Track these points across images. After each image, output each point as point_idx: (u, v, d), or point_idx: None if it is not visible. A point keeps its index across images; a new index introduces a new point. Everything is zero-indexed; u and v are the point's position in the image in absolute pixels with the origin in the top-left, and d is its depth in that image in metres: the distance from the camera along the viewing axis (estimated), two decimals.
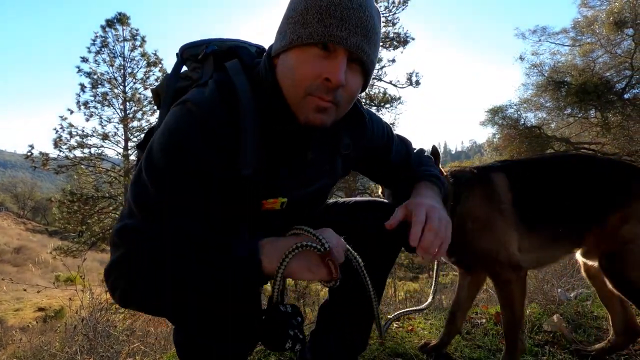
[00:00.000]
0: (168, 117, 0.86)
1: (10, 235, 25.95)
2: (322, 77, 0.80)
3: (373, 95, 13.10)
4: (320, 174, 1.03)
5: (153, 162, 0.82)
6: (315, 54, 0.80)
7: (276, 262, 0.82)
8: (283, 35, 0.85)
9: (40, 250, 20.17)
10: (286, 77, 0.85)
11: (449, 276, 7.93)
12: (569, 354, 1.69)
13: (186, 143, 0.81)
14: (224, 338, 0.94)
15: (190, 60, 1.03)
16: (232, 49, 0.99)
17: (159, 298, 0.83)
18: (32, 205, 42.57)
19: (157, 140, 0.84)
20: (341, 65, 0.80)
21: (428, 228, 0.92)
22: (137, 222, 0.82)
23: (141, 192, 0.82)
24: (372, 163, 1.21)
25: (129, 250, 0.81)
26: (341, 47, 0.79)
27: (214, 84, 0.88)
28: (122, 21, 15.90)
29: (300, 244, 0.82)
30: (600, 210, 1.40)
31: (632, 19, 9.80)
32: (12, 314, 11.50)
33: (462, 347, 1.82)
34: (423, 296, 5.21)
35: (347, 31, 0.78)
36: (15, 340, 3.83)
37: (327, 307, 1.29)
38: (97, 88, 15.70)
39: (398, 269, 17.30)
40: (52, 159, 14.08)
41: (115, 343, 2.23)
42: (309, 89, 0.81)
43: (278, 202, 0.94)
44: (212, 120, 0.82)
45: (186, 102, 0.84)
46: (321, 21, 0.78)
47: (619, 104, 9.92)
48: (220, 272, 0.81)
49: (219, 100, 0.85)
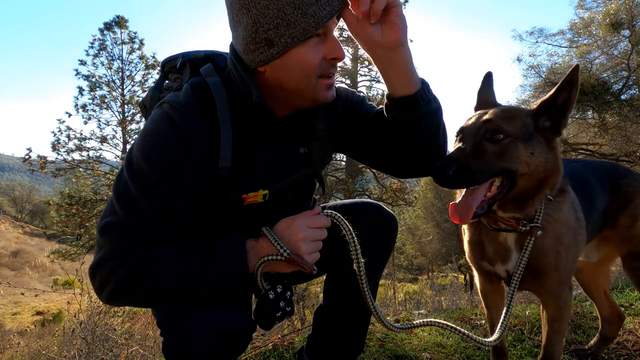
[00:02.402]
0: (147, 119, 0.92)
1: (8, 238, 25.82)
2: (327, 58, 0.86)
3: (372, 97, 13.10)
4: (298, 164, 1.04)
5: (132, 163, 0.86)
6: (314, 42, 0.85)
7: (253, 269, 0.90)
8: (265, 43, 0.83)
9: (38, 254, 20.09)
10: (291, 75, 0.87)
11: (448, 277, 7.93)
12: (568, 355, 1.69)
13: (162, 142, 0.85)
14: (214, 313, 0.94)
15: (171, 72, 1.10)
16: (208, 57, 1.06)
17: (142, 296, 0.86)
18: (30, 208, 42.41)
19: (136, 142, 0.88)
20: (336, 41, 0.87)
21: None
22: (117, 219, 0.84)
23: (123, 189, 0.85)
24: (356, 131, 1.11)
25: (112, 249, 0.83)
26: (329, 24, 0.84)
27: (189, 86, 0.93)
28: (121, 24, 15.89)
29: (263, 260, 0.88)
30: (609, 212, 1.40)
31: (628, 21, 9.86)
32: (10, 318, 11.43)
33: (462, 348, 1.82)
34: (422, 297, 5.21)
35: (324, 10, 0.81)
36: (13, 344, 3.81)
37: (323, 311, 1.29)
38: (95, 91, 15.65)
39: (398, 270, 17.29)
40: (50, 162, 14.01)
41: (113, 346, 2.22)
42: (318, 73, 0.87)
43: (259, 194, 0.96)
44: (186, 120, 0.86)
45: (163, 104, 0.90)
46: (305, 14, 0.80)
47: (616, 105, 9.96)
48: (200, 285, 0.86)
49: (193, 100, 0.89)
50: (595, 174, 1.41)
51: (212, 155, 0.88)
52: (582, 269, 1.66)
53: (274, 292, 0.97)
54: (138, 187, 0.84)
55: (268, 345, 1.84)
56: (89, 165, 15.10)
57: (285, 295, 0.99)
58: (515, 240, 1.15)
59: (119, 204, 0.85)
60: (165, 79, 1.13)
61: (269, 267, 0.91)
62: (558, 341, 1.24)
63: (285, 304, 0.99)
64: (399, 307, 3.86)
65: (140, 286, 0.83)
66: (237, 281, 0.89)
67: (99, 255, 0.84)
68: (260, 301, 0.97)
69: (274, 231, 0.92)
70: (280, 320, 0.99)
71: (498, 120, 1.03)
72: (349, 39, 12.58)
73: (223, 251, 0.87)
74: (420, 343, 1.87)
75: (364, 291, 0.98)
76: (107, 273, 0.83)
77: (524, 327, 2.00)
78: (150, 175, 0.84)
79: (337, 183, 11.67)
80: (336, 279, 1.23)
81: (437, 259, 20.61)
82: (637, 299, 2.38)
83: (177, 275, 0.84)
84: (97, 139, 15.34)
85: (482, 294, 1.40)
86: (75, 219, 13.99)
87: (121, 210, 0.84)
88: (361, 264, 0.96)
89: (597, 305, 1.69)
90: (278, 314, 0.98)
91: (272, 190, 0.98)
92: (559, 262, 1.14)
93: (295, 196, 1.07)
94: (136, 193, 0.83)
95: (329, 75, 0.89)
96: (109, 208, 0.87)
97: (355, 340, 1.27)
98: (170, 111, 0.87)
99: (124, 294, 0.84)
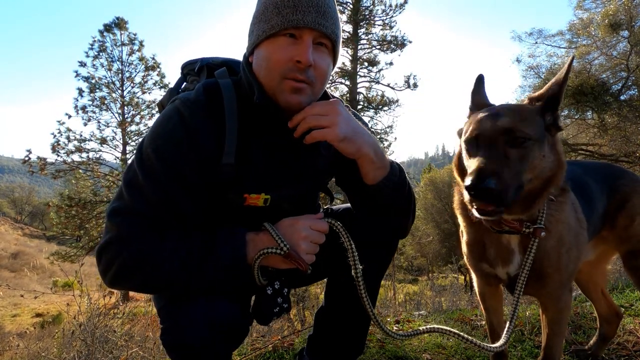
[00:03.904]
0: (161, 114, 0.97)
1: (8, 240, 25.79)
2: (293, 60, 0.90)
3: (371, 98, 13.12)
4: (304, 175, 1.07)
5: (142, 152, 0.91)
6: (284, 42, 0.91)
7: (251, 260, 0.92)
8: (251, 34, 0.98)
9: (38, 256, 20.05)
10: (261, 67, 0.94)
11: (448, 278, 7.92)
12: (569, 356, 1.69)
13: (170, 135, 0.91)
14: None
15: (189, 74, 1.17)
16: (225, 62, 1.12)
17: (142, 281, 0.88)
18: (30, 210, 42.36)
19: (147, 133, 0.94)
20: (307, 47, 0.90)
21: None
22: (124, 204, 0.89)
23: (131, 176, 0.90)
24: (345, 169, 1.11)
25: (117, 233, 0.87)
26: (305, 30, 0.90)
27: (201, 86, 0.99)
28: (120, 26, 15.90)
29: (262, 252, 0.90)
30: (607, 213, 1.40)
31: (627, 21, 9.87)
32: (10, 319, 11.41)
33: (462, 349, 1.82)
34: (422, 298, 5.20)
35: (301, 14, 0.89)
36: (12, 346, 3.80)
37: (323, 312, 1.30)
38: (95, 92, 15.65)
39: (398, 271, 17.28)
40: (49, 164, 14.00)
41: (113, 348, 2.22)
42: (283, 72, 0.91)
43: (261, 198, 0.99)
44: (195, 116, 0.92)
45: (174, 101, 0.96)
46: (279, 13, 0.90)
47: (615, 106, 9.97)
48: (200, 277, 0.88)
49: (203, 98, 0.95)
50: (594, 176, 1.40)
51: (217, 151, 0.93)
52: (579, 268, 1.67)
53: (272, 288, 0.99)
54: (145, 175, 0.88)
55: (268, 347, 1.84)
56: (88, 166, 15.09)
57: (283, 292, 1.01)
58: (518, 242, 1.12)
59: (127, 190, 0.89)
60: (184, 81, 1.19)
61: (266, 261, 0.93)
62: (558, 343, 1.24)
63: (283, 300, 1.01)
64: (399, 308, 3.86)
65: (140, 271, 0.86)
66: (235, 271, 0.90)
67: (105, 239, 0.88)
68: (259, 296, 0.99)
69: (276, 227, 0.94)
70: (277, 316, 1.01)
71: (518, 124, 0.96)
72: (348, 40, 12.61)
73: (223, 241, 0.90)
74: (421, 344, 1.87)
75: (363, 299, 1.00)
76: (110, 257, 0.86)
77: (524, 328, 2.00)
78: (157, 164, 0.88)
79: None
80: (337, 282, 1.23)
81: (437, 260, 20.60)
82: (637, 299, 2.38)
83: (176, 262, 0.86)
84: (97, 140, 15.34)
85: (480, 296, 1.39)
86: (75, 220, 13.98)
87: (128, 196, 0.88)
88: (359, 272, 0.97)
89: (594, 304, 1.69)
90: (276, 310, 1.00)
91: (274, 196, 1.00)
92: (560, 263, 1.13)
93: (295, 206, 1.07)
94: (143, 180, 0.88)
95: (296, 79, 0.91)
96: (118, 194, 0.91)
97: (356, 341, 1.27)
98: (181, 107, 0.93)
99: (125, 277, 0.87)
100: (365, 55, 13.20)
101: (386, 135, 13.18)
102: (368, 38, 13.17)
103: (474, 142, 1.01)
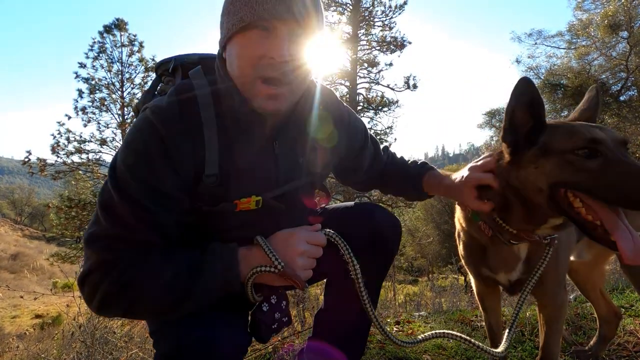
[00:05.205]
0: (131, 126, 0.89)
1: (7, 241, 25.78)
2: (267, 57, 0.82)
3: (371, 98, 13.12)
4: (294, 171, 1.01)
5: (115, 170, 0.84)
6: (257, 36, 0.83)
7: (244, 279, 0.87)
8: (222, 28, 0.89)
9: (38, 257, 20.05)
10: (233, 64, 0.87)
11: (448, 279, 7.91)
12: (569, 356, 1.69)
13: (142, 149, 0.83)
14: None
15: (164, 75, 1.09)
16: (201, 59, 1.04)
17: (128, 308, 0.83)
18: (30, 211, 42.36)
19: (120, 150, 0.86)
20: (282, 41, 0.82)
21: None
22: (101, 229, 0.82)
23: (106, 198, 0.83)
24: (344, 160, 1.20)
25: (97, 260, 0.81)
26: (278, 22, 0.81)
27: (174, 90, 0.90)
28: (120, 27, 15.91)
29: (255, 270, 0.85)
30: None
31: (626, 22, 9.89)
32: (9, 321, 11.40)
33: (462, 350, 1.82)
34: (423, 299, 5.19)
35: (272, 3, 0.80)
36: (12, 347, 3.79)
37: (323, 314, 1.29)
38: (95, 93, 15.64)
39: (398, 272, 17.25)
40: (49, 165, 13.98)
41: (113, 350, 2.21)
42: (256, 71, 0.83)
43: (252, 201, 0.93)
44: (167, 125, 0.84)
45: (145, 110, 0.87)
46: (247, 4, 0.82)
47: (615, 106, 9.99)
48: (187, 297, 0.82)
49: (176, 105, 0.86)
50: None
51: (198, 163, 0.86)
52: (577, 269, 1.66)
53: (268, 304, 0.93)
54: (120, 196, 0.81)
55: (268, 348, 1.84)
56: (88, 167, 15.08)
57: (281, 305, 0.95)
58: (528, 249, 1.13)
59: (103, 214, 0.82)
60: (159, 82, 1.11)
61: (260, 279, 0.88)
62: (556, 341, 1.24)
63: (281, 315, 0.95)
64: (399, 309, 3.86)
65: (124, 298, 0.80)
66: (227, 292, 0.85)
67: (85, 268, 0.82)
68: (255, 315, 0.93)
69: (270, 242, 0.89)
70: (276, 332, 0.96)
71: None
72: (347, 41, 12.63)
73: (212, 260, 0.84)
74: (421, 345, 1.87)
75: (367, 309, 0.98)
76: (93, 285, 0.81)
77: (524, 328, 2.00)
78: (132, 182, 0.81)
79: (337, 185, 11.66)
80: (337, 284, 1.23)
81: (437, 261, 20.58)
82: (637, 300, 2.38)
83: (161, 285, 0.81)
84: (97, 141, 15.32)
85: (478, 297, 1.39)
86: (74, 221, 13.96)
87: (104, 220, 0.82)
88: (361, 284, 0.95)
89: (593, 305, 1.70)
90: (274, 326, 0.94)
91: (265, 198, 0.95)
92: (557, 262, 1.15)
93: (289, 205, 1.03)
94: (119, 201, 0.81)
95: (270, 81, 0.84)
96: (94, 218, 0.84)
97: (357, 343, 1.26)
98: (152, 116, 0.84)
99: (109, 305, 0.82)
100: (365, 56, 13.21)
101: (386, 136, 13.19)
102: (368, 39, 13.19)
103: (597, 145, 0.91)
